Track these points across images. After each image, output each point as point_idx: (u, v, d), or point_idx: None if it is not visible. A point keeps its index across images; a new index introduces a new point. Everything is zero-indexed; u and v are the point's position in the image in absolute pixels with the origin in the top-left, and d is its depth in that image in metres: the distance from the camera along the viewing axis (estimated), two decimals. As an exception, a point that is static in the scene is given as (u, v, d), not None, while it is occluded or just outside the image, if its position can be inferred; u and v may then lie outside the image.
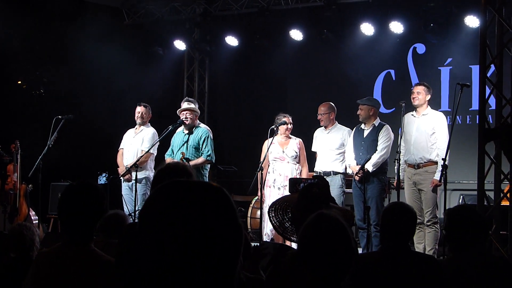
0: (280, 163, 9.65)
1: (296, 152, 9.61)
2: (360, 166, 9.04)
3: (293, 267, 3.03)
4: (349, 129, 9.81)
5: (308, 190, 4.14)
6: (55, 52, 12.77)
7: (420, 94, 9.10)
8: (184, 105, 9.84)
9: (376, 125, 9.38)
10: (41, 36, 12.48)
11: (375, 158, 9.09)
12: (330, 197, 4.33)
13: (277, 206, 4.37)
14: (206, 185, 1.75)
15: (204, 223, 1.66)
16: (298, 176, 9.45)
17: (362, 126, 9.49)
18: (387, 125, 9.39)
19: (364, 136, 9.38)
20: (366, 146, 9.29)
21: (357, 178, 9.07)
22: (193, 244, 1.65)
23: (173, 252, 1.65)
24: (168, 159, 9.70)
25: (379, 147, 9.20)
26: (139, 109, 10.27)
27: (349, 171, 9.54)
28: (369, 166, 9.04)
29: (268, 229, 9.30)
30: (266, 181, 9.60)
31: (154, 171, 9.67)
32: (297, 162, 9.63)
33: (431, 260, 4.53)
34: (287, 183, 9.33)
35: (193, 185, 1.74)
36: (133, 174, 9.56)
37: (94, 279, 3.66)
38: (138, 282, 3.71)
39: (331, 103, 9.95)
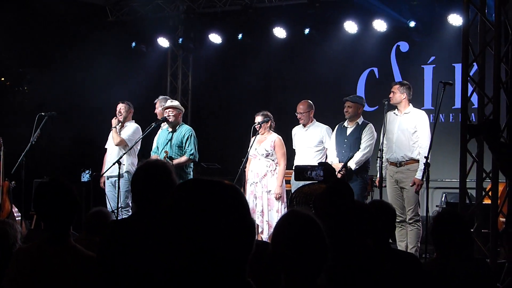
0: (253, 160, 9.72)
1: (267, 151, 9.58)
2: (342, 163, 9.05)
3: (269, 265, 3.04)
4: (327, 126, 9.80)
5: (336, 186, 4.16)
6: (38, 49, 12.71)
7: (395, 93, 9.12)
8: (168, 102, 9.86)
9: (360, 123, 9.37)
10: (24, 33, 12.42)
11: (358, 156, 9.10)
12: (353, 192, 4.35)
13: (298, 199, 4.38)
14: (221, 183, 1.83)
15: (220, 220, 1.74)
16: (270, 173, 9.52)
17: (345, 123, 9.47)
18: (371, 124, 9.38)
19: (347, 134, 9.36)
20: (349, 144, 9.28)
21: (339, 175, 9.06)
22: (209, 240, 1.72)
23: (189, 249, 1.72)
24: (153, 156, 9.69)
25: (362, 145, 9.20)
26: (118, 106, 10.34)
27: (331, 168, 9.53)
28: (351, 164, 9.04)
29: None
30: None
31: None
32: (271, 160, 9.62)
33: (412, 258, 4.56)
34: (258, 179, 9.56)
35: (209, 183, 1.82)
36: (116, 170, 9.50)
37: (74, 274, 3.66)
38: (120, 278, 3.70)
39: (309, 101, 9.91)
